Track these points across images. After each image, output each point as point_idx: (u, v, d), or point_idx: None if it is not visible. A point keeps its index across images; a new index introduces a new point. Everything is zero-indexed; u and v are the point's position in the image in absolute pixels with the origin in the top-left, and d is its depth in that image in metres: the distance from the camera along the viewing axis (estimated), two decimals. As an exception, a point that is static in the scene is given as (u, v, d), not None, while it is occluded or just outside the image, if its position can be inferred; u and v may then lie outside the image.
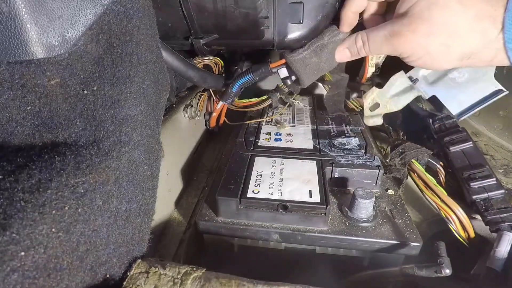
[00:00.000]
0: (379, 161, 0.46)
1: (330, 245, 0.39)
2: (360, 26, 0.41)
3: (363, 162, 0.46)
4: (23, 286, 0.20)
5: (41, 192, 0.22)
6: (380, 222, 0.39)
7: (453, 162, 0.47)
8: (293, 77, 0.46)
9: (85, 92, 0.28)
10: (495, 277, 0.34)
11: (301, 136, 0.54)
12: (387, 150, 0.56)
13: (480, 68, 0.53)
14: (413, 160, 0.48)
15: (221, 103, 0.57)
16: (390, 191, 0.45)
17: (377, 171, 0.44)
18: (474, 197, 0.42)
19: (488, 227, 0.40)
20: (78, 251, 0.23)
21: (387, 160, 0.52)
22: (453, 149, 0.48)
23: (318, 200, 0.38)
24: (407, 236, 0.37)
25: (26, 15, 0.23)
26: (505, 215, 0.39)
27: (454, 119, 0.53)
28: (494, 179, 0.43)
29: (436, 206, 0.42)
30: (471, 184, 0.43)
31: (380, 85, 0.58)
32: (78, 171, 0.25)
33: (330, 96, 0.63)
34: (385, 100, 0.57)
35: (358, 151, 0.49)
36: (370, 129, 0.65)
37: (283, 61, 0.45)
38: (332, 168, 0.45)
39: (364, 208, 0.38)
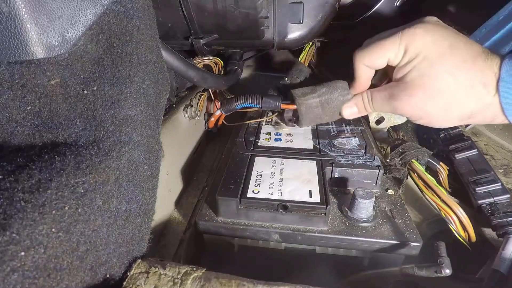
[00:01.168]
0: (379, 161, 0.46)
1: (330, 245, 0.39)
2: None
3: (363, 162, 0.46)
4: (23, 286, 0.20)
5: (41, 192, 0.22)
6: (380, 222, 0.39)
7: (458, 168, 0.48)
8: (294, 120, 0.48)
9: (85, 92, 0.28)
10: (500, 279, 0.34)
11: (301, 136, 0.54)
12: (387, 150, 0.56)
13: None
14: (413, 160, 0.48)
15: (219, 111, 0.57)
16: (390, 191, 0.45)
17: (377, 171, 0.44)
18: (480, 201, 0.43)
19: (490, 229, 0.40)
20: (78, 251, 0.23)
21: (387, 160, 0.52)
22: (459, 156, 0.49)
23: (318, 200, 0.38)
24: (407, 236, 0.37)
25: (26, 15, 0.23)
26: (511, 218, 0.40)
27: (459, 129, 0.54)
28: (500, 184, 0.43)
29: (436, 206, 0.42)
30: (477, 189, 0.44)
31: None
32: (78, 171, 0.25)
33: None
34: (389, 114, 0.58)
35: (358, 151, 0.49)
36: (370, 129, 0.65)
37: (294, 106, 0.45)
38: (332, 168, 0.45)
39: (364, 208, 0.38)
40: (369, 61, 0.36)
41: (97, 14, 0.28)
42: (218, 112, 0.58)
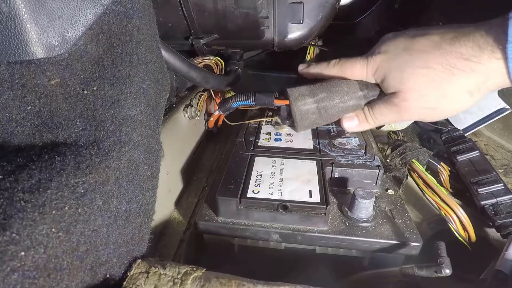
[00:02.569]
0: (379, 161, 0.46)
1: (330, 245, 0.39)
2: None
3: (363, 162, 0.46)
4: (23, 286, 0.20)
5: (41, 192, 0.22)
6: (380, 222, 0.39)
7: (460, 170, 0.49)
8: (289, 121, 0.46)
9: (85, 92, 0.28)
10: (503, 280, 0.34)
11: (301, 136, 0.54)
12: (387, 150, 0.56)
13: None
14: (413, 160, 0.48)
15: (217, 111, 0.57)
16: (390, 191, 0.45)
17: (377, 171, 0.44)
18: (482, 202, 0.43)
19: (492, 229, 0.40)
20: (78, 251, 0.23)
21: (387, 160, 0.52)
22: (460, 158, 0.50)
23: (318, 200, 0.38)
24: (407, 236, 0.37)
25: (26, 15, 0.23)
26: None
27: (461, 131, 0.54)
28: (502, 184, 0.43)
29: (436, 206, 0.42)
30: (479, 190, 0.44)
31: None
32: (78, 171, 0.25)
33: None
34: None
35: (358, 151, 0.49)
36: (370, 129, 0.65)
37: (287, 102, 0.43)
38: (332, 168, 0.45)
39: (364, 208, 0.38)
40: (339, 73, 0.40)
41: (97, 14, 0.28)
42: (216, 112, 0.58)
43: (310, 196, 0.39)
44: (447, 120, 0.60)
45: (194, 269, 0.28)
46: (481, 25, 0.31)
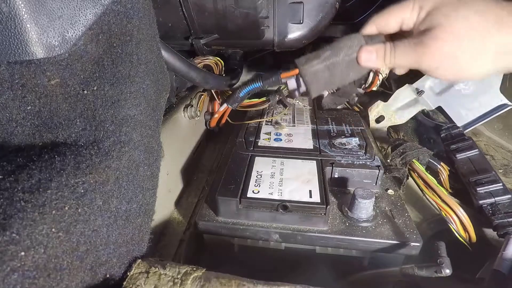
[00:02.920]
0: (379, 161, 0.46)
1: (330, 245, 0.39)
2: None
3: (363, 162, 0.46)
4: (23, 286, 0.20)
5: (41, 192, 0.22)
6: (380, 222, 0.39)
7: (459, 168, 0.48)
8: (302, 89, 0.45)
9: (85, 92, 0.28)
10: (501, 280, 0.34)
11: (301, 136, 0.54)
12: (387, 150, 0.56)
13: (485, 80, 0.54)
14: (413, 160, 0.48)
15: (225, 105, 0.57)
16: (390, 191, 0.45)
17: (377, 171, 0.44)
18: (481, 202, 0.43)
19: (490, 229, 0.40)
20: (78, 251, 0.23)
21: (387, 160, 0.52)
22: (460, 156, 0.49)
23: (318, 200, 0.38)
24: (407, 236, 0.37)
25: (26, 15, 0.23)
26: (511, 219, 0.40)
27: (460, 129, 0.54)
28: (501, 184, 0.43)
29: (436, 206, 0.42)
30: (478, 189, 0.44)
31: (385, 99, 0.59)
32: (78, 171, 0.25)
33: (330, 99, 0.64)
34: (389, 113, 0.58)
35: (358, 151, 0.49)
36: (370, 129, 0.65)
37: (295, 71, 0.42)
38: (332, 168, 0.45)
39: (364, 208, 0.38)
40: (382, 21, 0.37)
41: (97, 14, 0.28)
42: (222, 108, 0.58)
43: (310, 196, 0.39)
44: (447, 115, 0.59)
45: (194, 269, 0.28)
46: None
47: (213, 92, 0.62)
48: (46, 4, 0.24)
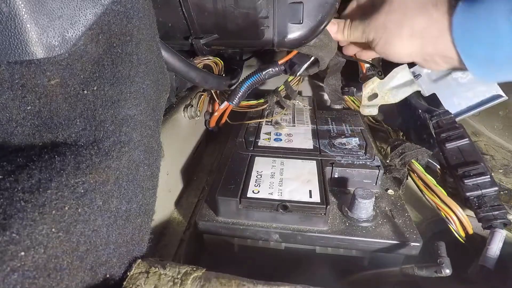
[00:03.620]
0: (379, 161, 0.46)
1: (330, 245, 0.39)
2: None
3: (363, 162, 0.46)
4: (23, 286, 0.20)
5: (41, 192, 0.22)
6: (380, 222, 0.39)
7: (448, 159, 0.47)
8: (303, 66, 0.49)
9: (85, 92, 0.28)
10: (487, 275, 0.34)
11: (301, 136, 0.54)
12: (387, 150, 0.56)
13: None
14: (413, 161, 0.48)
15: (225, 103, 0.57)
16: (390, 191, 0.45)
17: (377, 171, 0.44)
18: (468, 194, 0.42)
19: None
20: (78, 251, 0.23)
21: (387, 160, 0.52)
22: (449, 145, 0.47)
23: (318, 200, 0.38)
24: (407, 236, 0.37)
25: (26, 15, 0.23)
26: (497, 212, 0.39)
27: (451, 115, 0.52)
28: (488, 176, 0.42)
29: (436, 207, 0.42)
30: (465, 181, 0.43)
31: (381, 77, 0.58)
32: (78, 171, 0.25)
33: (330, 82, 0.63)
34: (383, 91, 0.57)
35: (358, 151, 0.49)
36: (370, 129, 0.65)
37: (290, 55, 0.46)
38: (332, 168, 0.45)
39: (364, 208, 0.38)
40: None
41: (97, 14, 0.28)
42: (223, 106, 0.58)
43: (310, 196, 0.39)
44: (440, 104, 0.59)
45: (194, 269, 0.28)
46: None
47: (213, 92, 0.62)
48: (46, 4, 0.24)
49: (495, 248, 0.36)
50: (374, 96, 0.59)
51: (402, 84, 0.56)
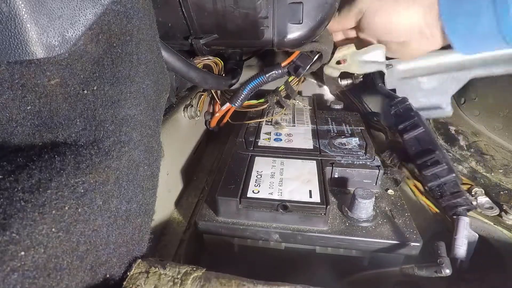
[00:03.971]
0: (379, 161, 0.46)
1: (330, 245, 0.39)
2: None
3: (363, 162, 0.46)
4: (23, 286, 0.20)
5: (41, 192, 0.22)
6: (380, 222, 0.39)
7: (408, 150, 0.45)
8: (306, 68, 0.51)
9: (85, 92, 0.28)
10: (459, 267, 0.33)
11: (301, 136, 0.54)
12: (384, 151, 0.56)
13: (447, 82, 0.57)
14: (403, 162, 0.48)
15: (227, 104, 0.57)
16: (390, 191, 0.45)
17: (377, 171, 0.44)
18: (429, 184, 0.41)
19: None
20: (78, 251, 0.23)
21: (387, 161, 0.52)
22: (407, 136, 0.45)
23: (318, 200, 0.38)
24: (407, 236, 0.37)
25: (26, 15, 0.23)
26: (458, 199, 0.39)
27: (408, 103, 0.49)
28: (444, 164, 0.41)
29: (429, 210, 0.42)
30: (423, 172, 0.42)
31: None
32: (78, 171, 0.25)
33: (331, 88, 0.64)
34: (354, 60, 0.58)
35: (358, 151, 0.49)
36: (370, 129, 0.65)
37: (293, 56, 0.47)
38: (332, 168, 0.45)
39: (364, 208, 0.38)
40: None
41: (97, 14, 0.28)
42: (225, 107, 0.58)
43: (310, 196, 0.39)
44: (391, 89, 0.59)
45: (194, 269, 0.28)
46: None
47: (213, 92, 0.62)
48: (46, 4, 0.24)
49: (462, 237, 0.34)
50: (343, 62, 0.59)
51: (372, 61, 0.56)
